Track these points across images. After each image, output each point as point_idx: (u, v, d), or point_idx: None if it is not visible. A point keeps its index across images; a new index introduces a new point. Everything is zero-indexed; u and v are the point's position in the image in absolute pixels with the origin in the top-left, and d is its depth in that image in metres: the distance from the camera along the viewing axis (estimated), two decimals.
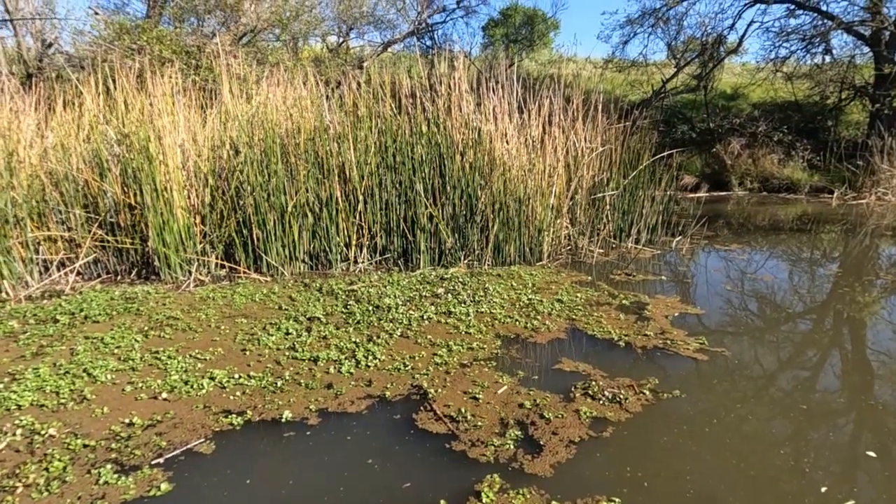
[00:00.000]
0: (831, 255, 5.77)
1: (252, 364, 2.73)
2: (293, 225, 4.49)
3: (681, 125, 11.08)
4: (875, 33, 9.32)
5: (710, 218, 7.41)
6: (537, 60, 16.53)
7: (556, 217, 5.22)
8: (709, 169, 10.15)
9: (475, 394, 2.41)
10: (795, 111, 10.94)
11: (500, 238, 4.82)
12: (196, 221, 4.43)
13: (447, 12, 9.73)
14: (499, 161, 4.91)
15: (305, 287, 4.06)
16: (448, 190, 4.81)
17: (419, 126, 4.94)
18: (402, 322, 3.29)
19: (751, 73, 12.06)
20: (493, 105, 5.11)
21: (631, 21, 11.78)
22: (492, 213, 4.78)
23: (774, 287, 4.31)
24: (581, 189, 5.46)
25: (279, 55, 6.84)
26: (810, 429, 2.24)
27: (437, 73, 5.21)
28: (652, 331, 3.17)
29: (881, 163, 8.44)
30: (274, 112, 4.84)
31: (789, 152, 9.77)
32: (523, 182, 4.95)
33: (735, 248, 5.66)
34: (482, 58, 9.43)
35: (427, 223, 4.72)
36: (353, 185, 4.68)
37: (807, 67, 10.60)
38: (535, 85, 5.65)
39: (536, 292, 3.92)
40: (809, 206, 8.60)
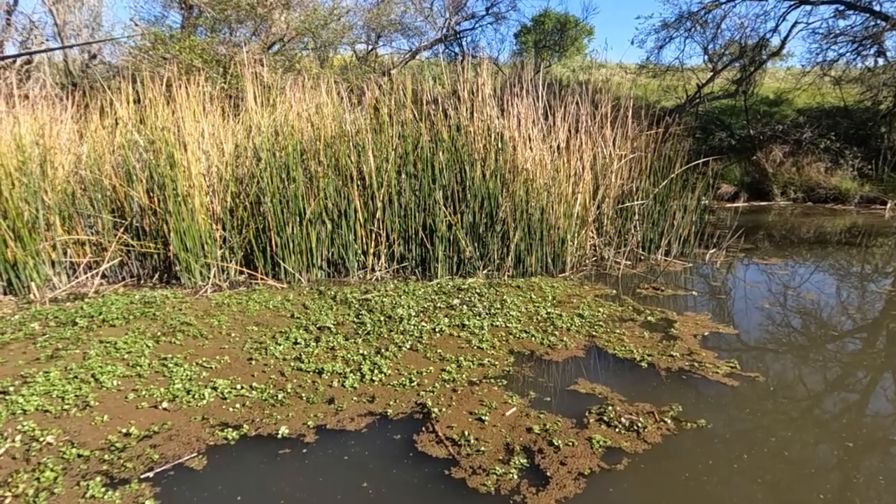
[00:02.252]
0: (884, 271, 5.33)
1: (256, 374, 2.68)
2: (311, 232, 4.47)
3: (719, 132, 10.63)
4: None
5: (749, 229, 7.02)
6: (569, 66, 16.29)
7: (582, 227, 5.02)
8: (748, 178, 9.67)
9: (481, 415, 2.28)
10: (844, 117, 10.32)
11: (521, 248, 4.67)
12: (217, 227, 4.46)
13: (476, 19, 9.68)
14: (521, 168, 4.77)
15: (320, 295, 4.02)
16: (468, 198, 4.69)
17: (440, 132, 4.85)
18: (413, 334, 3.19)
19: (795, 77, 11.50)
20: (516, 111, 4.98)
21: (667, 25, 11.43)
22: (513, 221, 4.63)
23: (818, 305, 3.99)
24: (608, 198, 5.25)
25: (306, 63, 6.92)
26: (854, 470, 2.00)
27: (461, 79, 5.12)
28: (678, 351, 2.95)
29: None
30: (296, 119, 4.86)
31: (837, 160, 9.19)
32: (546, 190, 4.79)
33: (775, 261, 5.31)
34: (511, 64, 9.30)
35: (446, 231, 4.61)
36: (372, 192, 4.63)
37: (857, 71, 10.00)
38: (564, 91, 5.49)
39: (556, 306, 3.75)
40: (860, 217, 8.05)
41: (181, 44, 6.00)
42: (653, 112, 6.86)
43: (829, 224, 7.69)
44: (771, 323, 3.59)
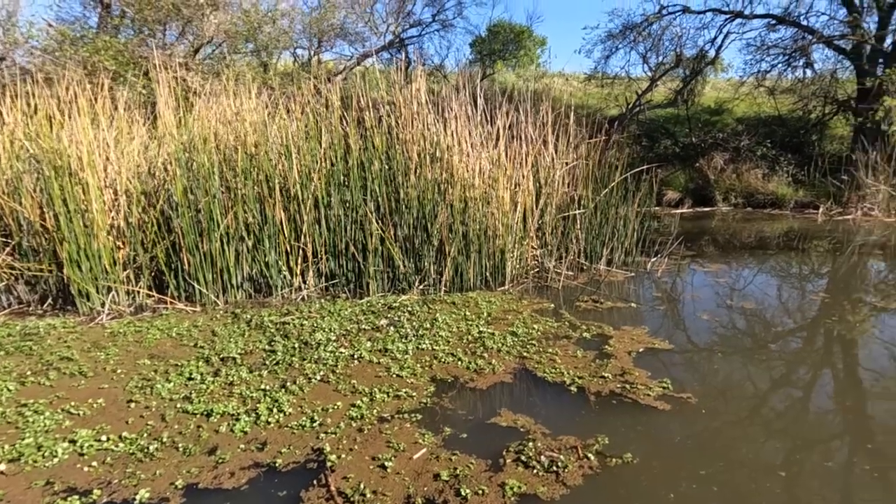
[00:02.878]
0: (818, 276, 5.42)
1: (132, 421, 2.30)
2: (228, 249, 4.09)
3: (664, 140, 10.84)
4: (856, 47, 9.16)
5: (693, 235, 7.08)
6: (522, 76, 16.40)
7: (523, 238, 4.85)
8: (692, 184, 9.87)
9: (386, 460, 2.00)
10: (779, 125, 10.73)
11: (459, 261, 4.44)
12: (121, 246, 4.02)
13: (422, 26, 9.51)
14: (459, 177, 4.56)
15: (234, 319, 3.64)
16: (403, 209, 4.44)
17: (373, 140, 4.59)
18: (328, 363, 2.88)
19: (734, 87, 11.91)
20: (454, 118, 4.77)
21: (612, 35, 11.61)
22: (449, 233, 4.40)
23: (755, 315, 3.94)
24: (550, 207, 5.11)
25: (238, 68, 6.52)
26: (790, 501, 1.84)
27: (397, 86, 4.88)
28: (611, 371, 2.77)
29: (866, 178, 8.18)
30: (214, 127, 4.48)
31: (774, 167, 9.51)
32: (486, 200, 4.59)
33: (716, 268, 5.30)
34: (457, 72, 9.19)
35: (379, 246, 4.33)
36: (299, 205, 4.30)
37: (789, 82, 10.43)
38: (509, 99, 5.34)
39: (490, 324, 3.52)
40: (795, 221, 8.31)
41: (92, 45, 5.49)
42: (597, 120, 6.84)
43: (767, 228, 7.88)
44: (706, 336, 3.49)
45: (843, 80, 10.10)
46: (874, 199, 8.17)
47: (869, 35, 8.88)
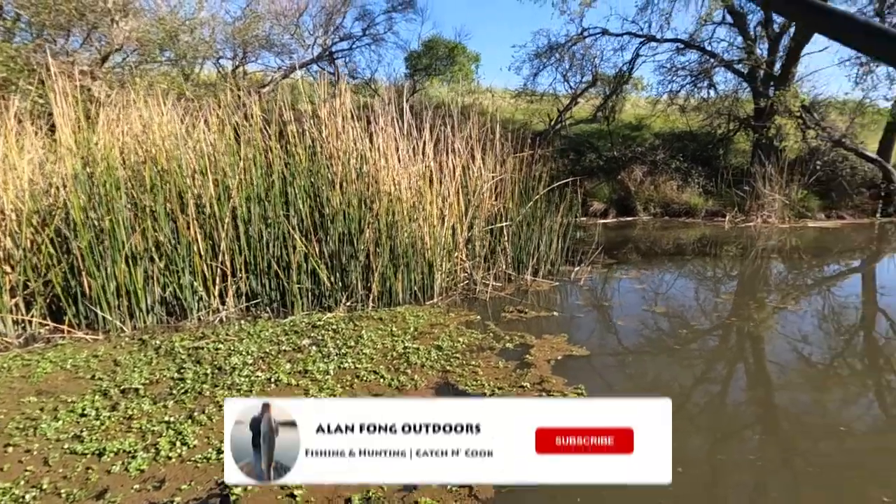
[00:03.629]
0: (727, 279, 5.89)
1: (7, 467, 2.07)
2: (136, 271, 3.81)
3: (590, 154, 11.41)
4: (751, 71, 10.15)
5: (616, 243, 7.47)
6: (457, 91, 16.73)
7: (452, 251, 4.90)
8: (616, 195, 10.44)
9: (295, 487, 1.92)
10: (691, 140, 11.63)
11: (387, 276, 4.40)
12: (7, 271, 3.63)
13: (352, 40, 9.48)
14: (385, 191, 4.54)
15: (141, 346, 3.39)
16: (328, 224, 4.35)
17: (297, 154, 4.48)
18: (242, 388, 2.74)
19: (652, 104, 12.79)
20: (381, 132, 4.77)
21: (539, 54, 12.13)
22: (376, 248, 4.36)
23: (669, 318, 4.20)
24: (478, 220, 5.21)
25: (152, 77, 6.16)
26: (705, 494, 1.95)
27: (321, 99, 4.81)
28: (530, 381, 2.84)
29: (763, 188, 9.04)
30: (118, 140, 4.19)
31: (686, 179, 10.27)
32: (413, 214, 4.61)
33: (636, 275, 5.62)
34: (388, 86, 9.23)
35: (303, 262, 4.21)
36: (216, 222, 4.10)
37: (697, 101, 11.34)
38: (440, 113, 5.41)
39: (416, 338, 3.51)
40: (706, 228, 9.00)
41: None
42: (525, 135, 7.08)
43: (682, 236, 8.48)
44: (621, 340, 3.67)
45: (743, 100, 11.14)
46: (771, 207, 9.02)
47: (761, 60, 9.88)
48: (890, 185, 9.43)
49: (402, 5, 10.01)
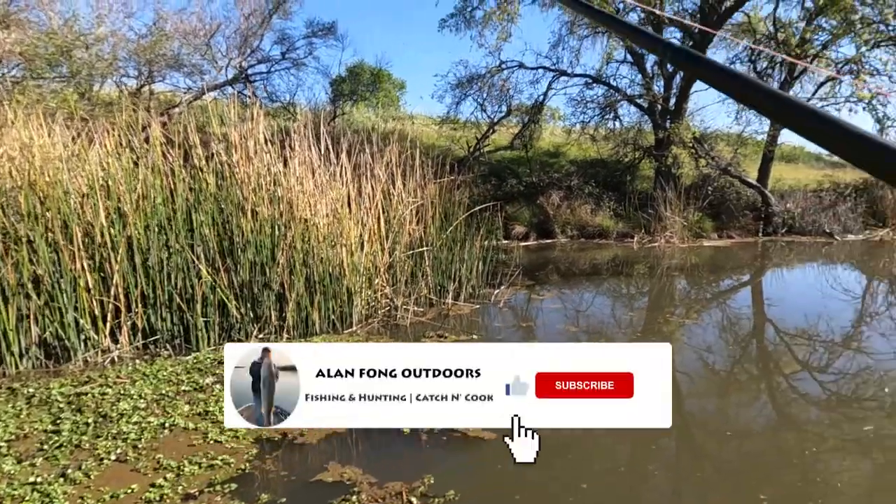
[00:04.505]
0: (638, 296, 6.29)
1: None
2: (8, 310, 3.36)
3: (511, 179, 11.87)
4: (651, 105, 11.16)
5: (537, 265, 7.75)
6: (383, 116, 16.83)
7: (373, 276, 4.83)
8: (536, 219, 10.89)
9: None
10: (602, 167, 12.48)
11: (303, 305, 4.23)
12: None
13: (271, 63, 9.27)
14: (300, 217, 4.40)
15: (10, 396, 2.97)
16: (237, 252, 4.13)
17: (204, 179, 4.24)
18: (130, 437, 2.47)
19: (567, 133, 13.63)
20: (297, 157, 4.65)
21: (461, 84, 12.56)
22: (290, 277, 4.19)
23: (586, 335, 4.39)
24: (400, 245, 5.19)
25: (37, 94, 5.59)
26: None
27: (232, 122, 4.61)
28: None
29: (665, 211, 9.86)
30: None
31: (599, 203, 10.96)
32: (331, 240, 4.50)
33: (553, 294, 5.84)
34: (307, 111, 9.08)
35: (209, 294, 3.94)
36: (108, 252, 3.75)
37: (605, 131, 12.24)
38: (361, 139, 5.38)
39: None
40: (618, 249, 9.62)
41: None
42: (446, 161, 7.23)
43: (597, 256, 8.99)
44: None
45: (645, 131, 12.18)
46: (672, 228, 9.85)
47: (658, 96, 10.91)
48: (768, 208, 10.66)
49: (322, 31, 9.98)
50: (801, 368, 3.99)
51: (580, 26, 11.37)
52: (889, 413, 3.20)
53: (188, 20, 7.78)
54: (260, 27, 9.18)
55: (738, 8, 9.99)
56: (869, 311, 6.00)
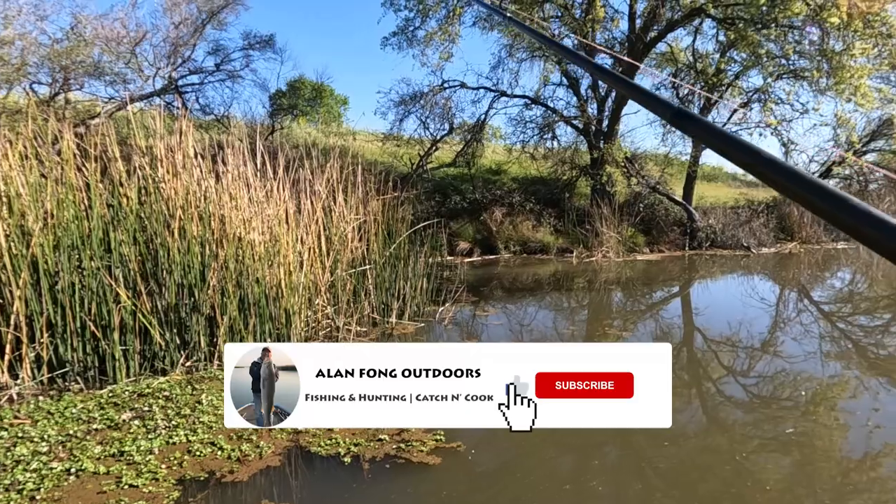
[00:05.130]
0: (579, 308, 6.46)
1: None
2: None
3: (454, 196, 11.98)
4: (586, 126, 11.71)
5: (481, 281, 7.80)
6: (324, 132, 16.55)
7: (313, 296, 4.64)
8: (479, 235, 11.03)
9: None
10: (542, 185, 12.89)
11: (236, 329, 3.98)
12: None
13: (204, 74, 8.86)
14: (233, 236, 4.17)
15: None
16: (162, 274, 3.82)
17: (125, 195, 3.92)
18: (27, 487, 2.17)
19: (508, 152, 14.00)
20: (231, 172, 4.42)
21: (404, 101, 12.61)
22: (221, 298, 3.94)
23: None
24: (341, 263, 5.04)
25: None
26: None
27: (158, 135, 4.31)
28: (388, 432, 2.70)
29: (601, 227, 10.31)
30: None
31: (540, 219, 11.28)
32: (268, 259, 4.28)
33: (494, 312, 5.88)
34: (243, 124, 8.73)
35: (129, 320, 3.61)
36: (9, 278, 3.35)
37: (544, 150, 12.69)
38: (299, 154, 5.20)
39: None
40: (558, 264, 9.90)
41: None
42: (391, 178, 7.17)
43: (539, 271, 9.20)
44: None
45: (581, 150, 12.74)
46: (609, 243, 10.29)
47: (592, 118, 11.47)
48: (693, 224, 11.42)
49: (259, 44, 9.70)
50: (726, 373, 4.23)
51: (518, 49, 11.80)
52: (804, 412, 3.44)
53: (111, 26, 7.28)
54: (192, 37, 8.76)
55: (661, 39, 10.76)
56: (782, 318, 6.50)
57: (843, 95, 7.63)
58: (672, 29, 10.28)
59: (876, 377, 4.17)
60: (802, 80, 9.00)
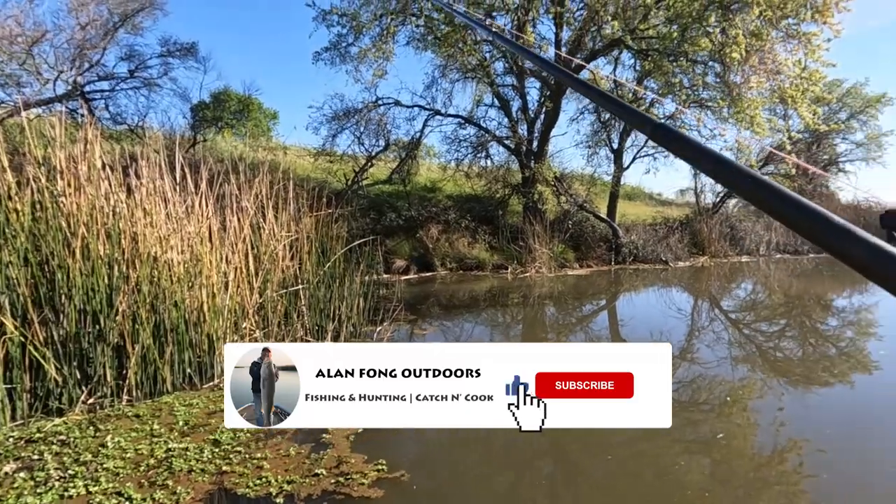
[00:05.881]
0: (514, 323, 6.53)
1: None
2: None
3: (390, 213, 11.86)
4: (517, 146, 12.11)
5: (418, 298, 7.70)
6: (252, 146, 15.84)
7: (240, 319, 4.31)
8: (416, 252, 10.96)
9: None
10: (476, 203, 13.11)
11: (149, 359, 3.58)
12: None
13: (115, 80, 8.15)
14: (148, 255, 3.78)
15: None
16: (60, 300, 3.37)
17: (14, 211, 3.43)
18: None
19: (443, 169, 14.13)
20: (145, 186, 4.03)
21: (337, 116, 12.37)
22: (135, 325, 3.54)
23: None
24: (272, 283, 4.74)
25: None
26: None
27: (59, 144, 3.84)
28: (326, 465, 2.52)
29: (534, 244, 10.63)
30: None
31: (475, 236, 11.43)
32: (188, 281, 3.92)
33: (432, 330, 5.80)
34: (160, 135, 8.10)
35: (17, 353, 3.13)
36: None
37: (478, 168, 12.94)
38: (225, 168, 4.86)
39: (186, 435, 2.86)
40: (494, 280, 10.04)
41: None
42: (323, 194, 6.92)
43: (476, 287, 9.27)
44: None
45: (513, 169, 13.13)
46: (541, 259, 10.61)
47: (523, 139, 11.89)
48: (617, 240, 12.09)
49: (179, 51, 9.12)
50: None
51: (452, 70, 12.04)
52: (719, 414, 3.65)
53: (2, 23, 6.50)
54: (102, 40, 8.06)
55: (585, 67, 11.44)
56: (697, 326, 6.98)
57: (742, 124, 8.46)
58: (594, 57, 10.96)
59: (777, 378, 4.54)
60: (708, 109, 9.92)
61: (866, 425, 3.36)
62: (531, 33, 9.76)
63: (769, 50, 7.17)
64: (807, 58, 7.52)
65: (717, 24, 7.44)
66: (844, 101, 17.78)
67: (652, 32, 9.38)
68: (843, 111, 18.05)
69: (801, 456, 2.87)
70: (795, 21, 7.09)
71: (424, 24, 10.71)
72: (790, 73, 7.52)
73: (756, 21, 7.05)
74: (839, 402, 3.88)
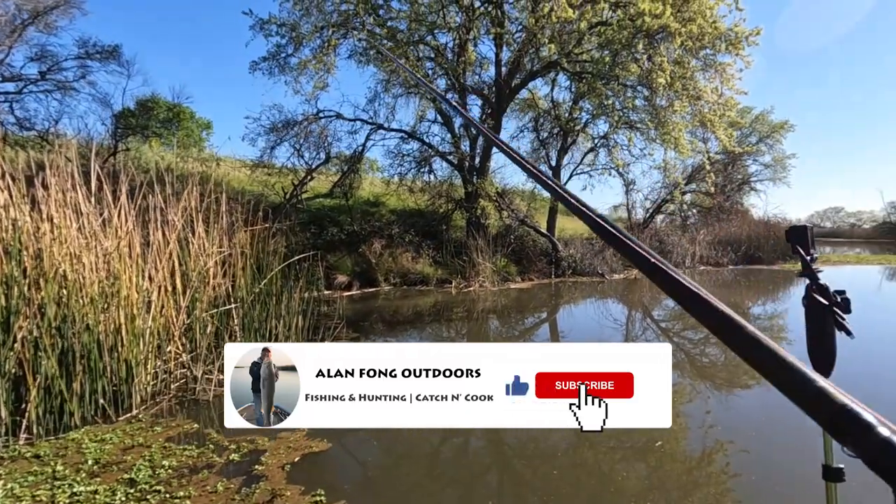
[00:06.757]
0: (459, 338, 6.48)
1: None
2: None
3: (331, 227, 11.57)
4: (460, 161, 12.26)
5: (362, 315, 7.50)
6: (182, 157, 14.98)
7: (164, 343, 3.97)
8: (359, 267, 10.73)
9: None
10: (420, 217, 13.09)
11: (53, 390, 3.19)
12: None
13: (23, 82, 7.40)
14: (57, 274, 3.41)
15: None
16: None
17: None
18: None
19: (386, 184, 14.02)
20: (53, 197, 3.64)
21: (275, 128, 11.98)
22: (38, 353, 3.15)
23: None
24: (201, 302, 4.42)
25: None
26: None
27: None
28: (258, 500, 2.33)
29: (477, 258, 10.73)
30: None
31: (419, 251, 11.38)
32: (103, 301, 3.57)
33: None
34: (75, 142, 7.43)
35: None
36: None
37: (421, 183, 12.96)
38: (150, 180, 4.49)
39: (96, 476, 2.55)
40: (438, 295, 10.01)
41: None
42: (259, 207, 6.61)
43: (420, 302, 9.18)
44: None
45: (456, 185, 13.27)
46: (484, 273, 10.72)
47: (465, 155, 12.05)
48: (557, 254, 12.48)
49: (100, 54, 8.48)
50: None
51: (394, 85, 12.04)
52: None
53: None
54: (8, 38, 7.33)
55: (524, 86, 11.85)
56: (631, 336, 7.28)
57: (668, 145, 9.05)
58: (533, 77, 11.37)
59: (704, 382, 4.79)
60: (637, 131, 10.55)
61: (782, 423, 3.59)
62: (472, 52, 9.98)
63: (690, 77, 7.75)
64: (723, 85, 8.20)
65: (644, 52, 7.96)
66: (754, 126, 19.64)
67: (586, 56, 9.88)
68: (753, 135, 19.92)
69: (727, 456, 3.01)
70: (712, 52, 7.72)
71: (367, 39, 10.67)
72: (709, 98, 8.16)
73: (678, 50, 7.61)
74: (758, 404, 4.14)
